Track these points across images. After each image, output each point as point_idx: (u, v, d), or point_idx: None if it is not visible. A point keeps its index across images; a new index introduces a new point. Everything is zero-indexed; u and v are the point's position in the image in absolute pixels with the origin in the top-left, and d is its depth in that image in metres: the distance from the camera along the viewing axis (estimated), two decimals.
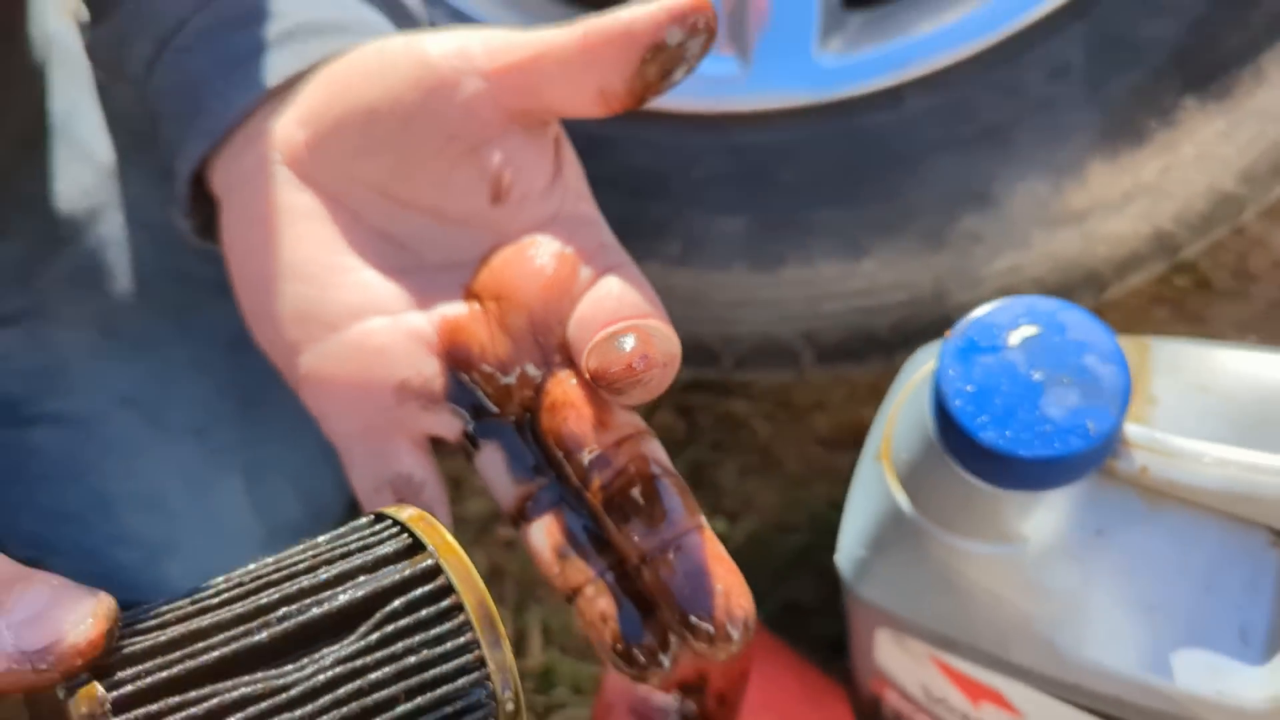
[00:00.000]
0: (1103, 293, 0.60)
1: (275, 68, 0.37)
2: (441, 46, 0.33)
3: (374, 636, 0.24)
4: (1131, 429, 0.38)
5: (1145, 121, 0.56)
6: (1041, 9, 0.57)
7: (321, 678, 0.24)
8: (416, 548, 0.26)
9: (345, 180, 0.35)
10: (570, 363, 0.33)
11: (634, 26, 0.30)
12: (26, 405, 0.60)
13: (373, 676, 0.24)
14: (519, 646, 0.75)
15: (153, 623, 0.24)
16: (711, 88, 0.62)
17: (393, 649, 0.24)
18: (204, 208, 0.41)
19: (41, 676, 0.23)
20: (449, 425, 0.34)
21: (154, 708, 0.23)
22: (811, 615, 0.74)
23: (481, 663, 0.25)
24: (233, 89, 0.37)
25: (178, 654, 0.23)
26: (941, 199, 0.58)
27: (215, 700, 0.23)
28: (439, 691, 0.24)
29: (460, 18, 0.65)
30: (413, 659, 0.24)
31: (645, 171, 0.62)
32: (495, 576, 0.78)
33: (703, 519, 0.32)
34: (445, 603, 0.25)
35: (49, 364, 0.62)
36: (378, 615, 0.24)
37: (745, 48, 0.62)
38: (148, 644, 0.23)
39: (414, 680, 0.24)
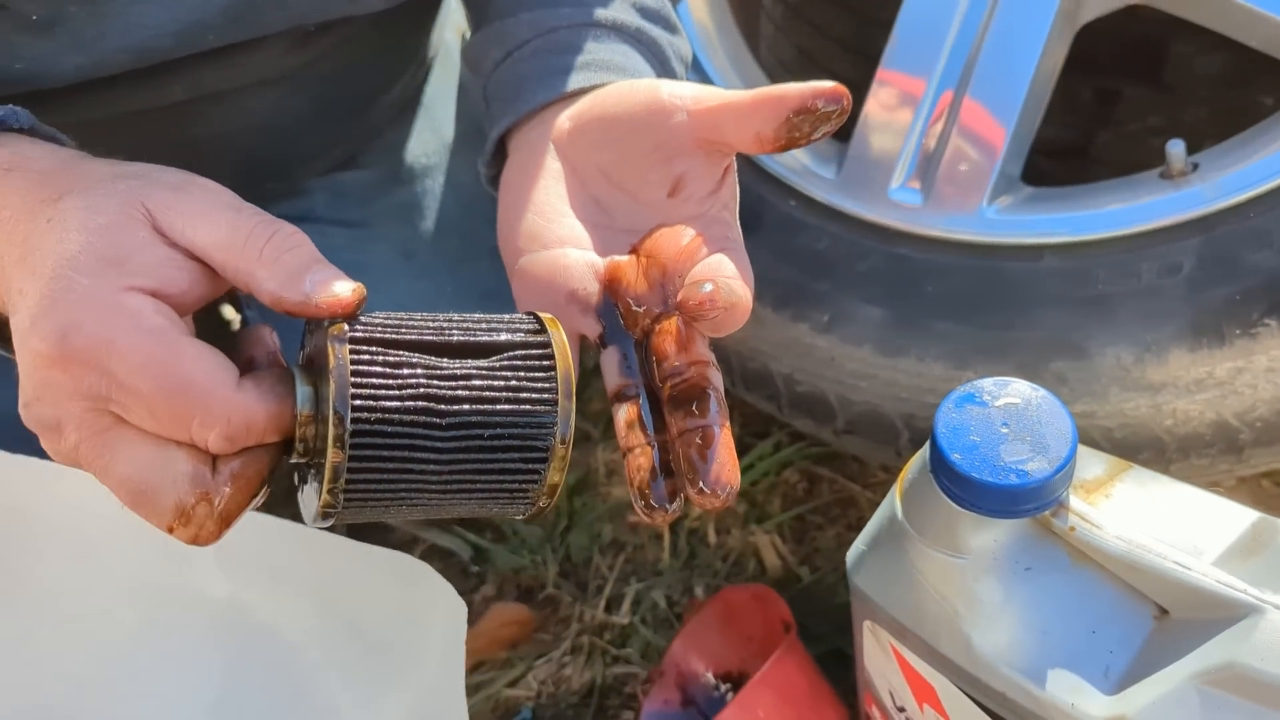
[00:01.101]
0: (1166, 461, 0.70)
1: (570, 82, 0.56)
2: (669, 88, 0.51)
3: (500, 361, 0.41)
4: (1073, 500, 0.50)
5: (1229, 328, 0.66)
6: (1170, 218, 0.69)
7: (468, 369, 0.40)
8: (542, 331, 0.43)
9: (583, 159, 0.53)
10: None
11: (787, 93, 0.47)
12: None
13: (494, 382, 0.41)
14: (611, 609, 0.90)
15: (379, 316, 0.41)
16: (893, 208, 0.78)
17: (507, 372, 0.41)
18: (498, 164, 0.61)
19: (316, 313, 0.40)
20: (592, 327, 0.51)
21: (373, 346, 0.39)
22: (849, 663, 0.85)
23: (555, 404, 0.41)
24: (541, 89, 0.57)
25: (394, 326, 0.40)
26: (1043, 341, 0.70)
27: (412, 355, 0.40)
28: (525, 407, 0.41)
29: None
30: (516, 381, 0.41)
31: (821, 254, 0.78)
32: (615, 547, 0.94)
33: (728, 423, 0.47)
34: (546, 363, 0.42)
35: (360, 263, 0.84)
36: (506, 353, 0.42)
37: (929, 186, 0.77)
38: (376, 320, 0.40)
39: (513, 394, 0.41)
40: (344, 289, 0.40)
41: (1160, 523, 0.50)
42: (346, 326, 0.39)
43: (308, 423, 0.39)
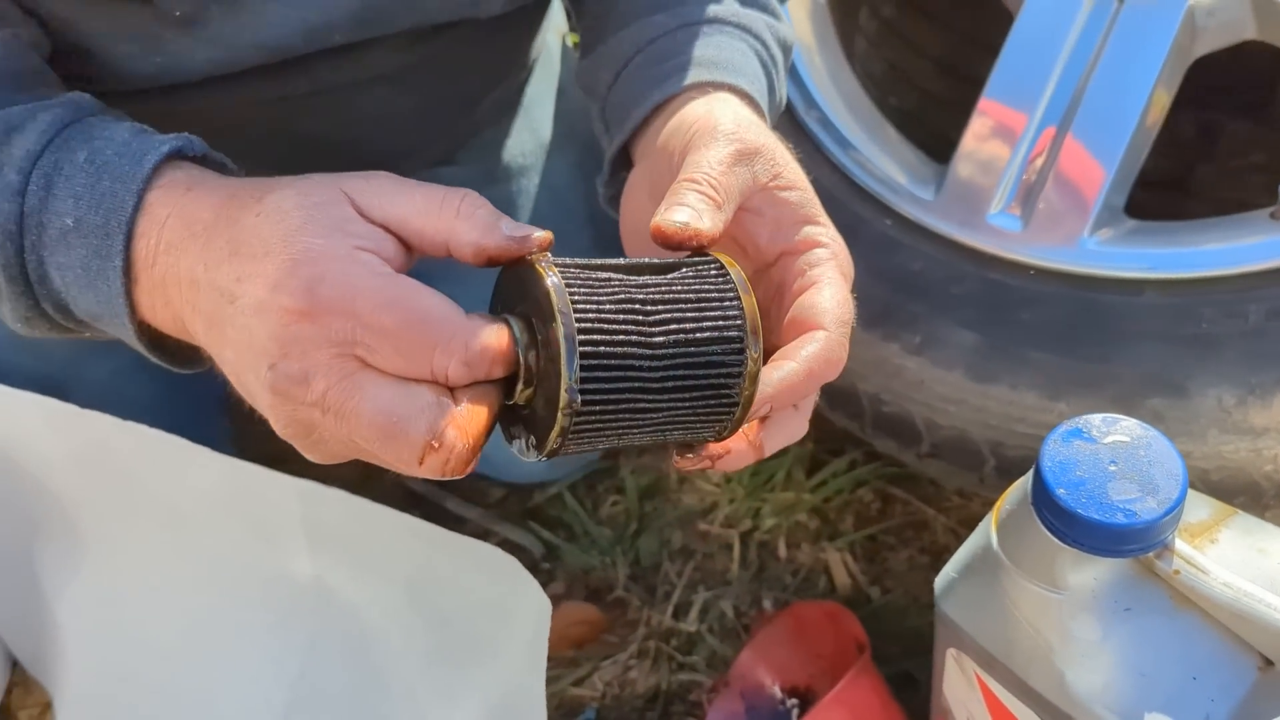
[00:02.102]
0: (1262, 507, 0.69)
1: (668, 88, 0.56)
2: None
3: (680, 273, 0.43)
4: (1179, 543, 0.50)
5: None
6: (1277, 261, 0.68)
7: (657, 280, 0.42)
8: (704, 251, 0.45)
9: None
10: None
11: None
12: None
13: (678, 287, 0.42)
14: (678, 615, 0.91)
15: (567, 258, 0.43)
16: (992, 234, 0.77)
17: (690, 279, 0.42)
18: (615, 184, 0.61)
19: (518, 250, 0.42)
20: None
21: (572, 269, 0.41)
22: (917, 688, 0.84)
23: (737, 297, 0.42)
24: (645, 102, 0.57)
25: (580, 261, 0.42)
26: (1141, 377, 0.70)
27: (607, 272, 0.41)
28: (712, 303, 0.42)
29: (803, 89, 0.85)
30: (699, 285, 0.42)
31: (916, 275, 0.78)
32: (684, 554, 0.95)
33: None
34: (716, 270, 0.43)
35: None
36: (681, 269, 0.43)
37: (1030, 213, 0.77)
38: (564, 259, 0.42)
39: (699, 294, 0.42)
40: (537, 230, 0.43)
41: (1267, 572, 0.49)
42: (549, 256, 0.42)
43: (529, 348, 0.41)
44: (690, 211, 0.44)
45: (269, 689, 0.75)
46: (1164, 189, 0.98)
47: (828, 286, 0.47)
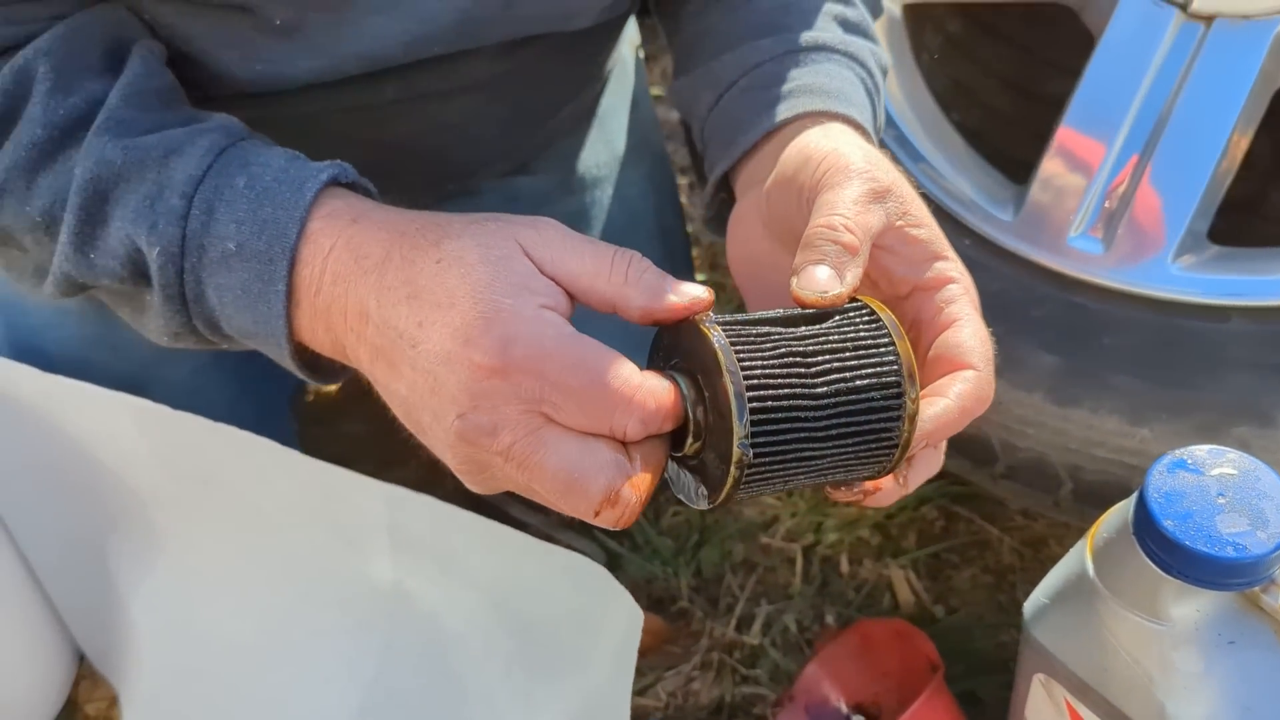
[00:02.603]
0: None
1: (778, 115, 0.57)
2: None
3: (834, 323, 0.44)
4: None
5: None
6: None
7: (813, 330, 0.43)
8: (855, 300, 0.45)
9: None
10: None
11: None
12: None
13: (834, 336, 0.43)
14: (741, 628, 0.91)
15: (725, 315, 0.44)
16: (1072, 257, 0.77)
17: (845, 327, 0.43)
18: (715, 206, 0.61)
19: (685, 312, 0.44)
20: None
21: (735, 325, 0.42)
22: (983, 707, 0.84)
23: (892, 343, 0.43)
24: (752, 129, 0.57)
25: (739, 317, 0.43)
26: (1227, 404, 0.69)
27: (766, 327, 0.42)
28: (867, 348, 0.43)
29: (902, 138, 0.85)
30: (854, 333, 0.43)
31: (995, 297, 0.78)
32: (746, 566, 0.95)
33: None
34: (869, 316, 0.44)
35: None
36: (834, 317, 0.44)
37: (1111, 237, 0.76)
38: (723, 316, 0.43)
39: (855, 343, 0.43)
40: (699, 290, 0.45)
41: None
42: (710, 315, 0.43)
43: (696, 404, 0.43)
44: (829, 275, 0.45)
45: (343, 690, 0.76)
46: (1236, 212, 0.97)
47: (968, 324, 0.48)
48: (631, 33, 0.96)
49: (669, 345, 0.45)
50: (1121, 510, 0.54)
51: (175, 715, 0.84)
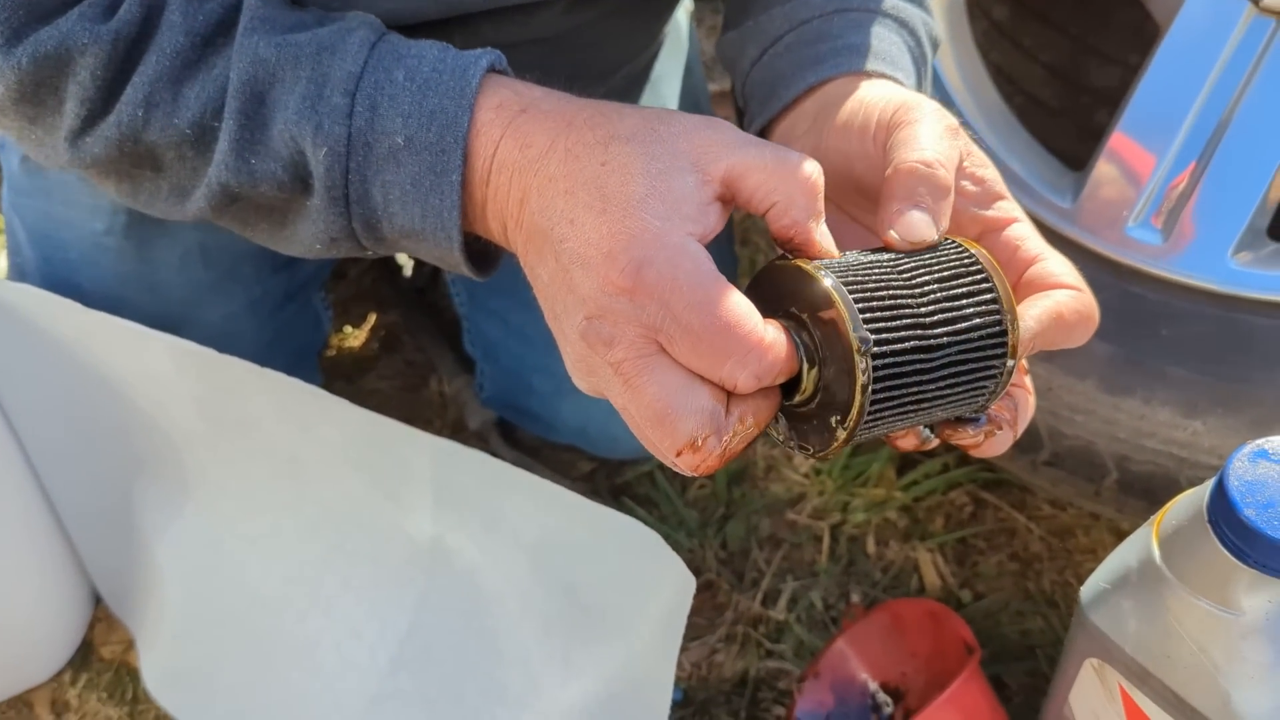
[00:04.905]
0: None
1: (820, 73, 0.55)
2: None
3: (935, 257, 0.43)
4: None
5: None
6: None
7: (913, 263, 0.42)
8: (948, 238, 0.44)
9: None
10: None
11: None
12: None
13: (939, 271, 0.42)
14: (767, 603, 0.90)
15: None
16: (1131, 246, 0.77)
17: (946, 265, 0.43)
18: None
19: (816, 248, 0.43)
20: None
21: (845, 275, 0.41)
22: (1009, 693, 0.84)
23: (986, 273, 0.42)
24: (795, 83, 0.56)
25: (846, 261, 0.42)
26: None
27: (869, 267, 0.42)
28: (967, 286, 0.42)
29: (937, 84, 0.84)
30: (951, 270, 0.42)
31: None
32: (772, 542, 0.94)
33: None
34: (965, 254, 0.43)
35: None
36: (933, 252, 0.43)
37: (1171, 228, 0.76)
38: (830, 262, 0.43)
39: (955, 280, 0.42)
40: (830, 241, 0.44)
41: None
42: (819, 263, 0.42)
43: (810, 354, 0.42)
44: (927, 221, 0.44)
45: (375, 644, 0.75)
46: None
47: (1052, 257, 0.47)
48: (690, 4, 0.94)
49: (770, 293, 0.44)
50: (1193, 498, 0.53)
51: (198, 661, 0.83)
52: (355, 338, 1.12)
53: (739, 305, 0.41)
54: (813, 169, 0.44)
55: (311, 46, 0.49)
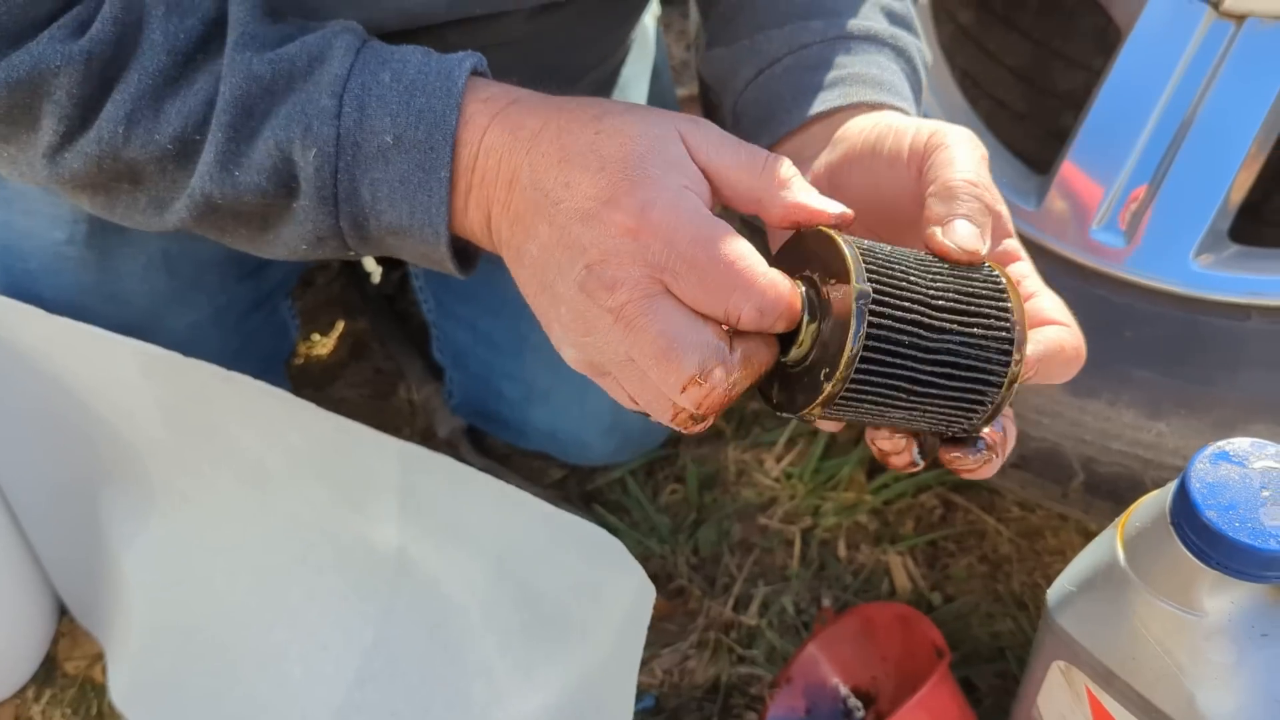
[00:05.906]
0: None
1: (825, 101, 0.56)
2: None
3: (970, 273, 0.43)
4: None
5: None
6: None
7: (939, 272, 0.43)
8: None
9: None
10: None
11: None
12: None
13: (961, 286, 0.43)
14: (738, 608, 0.90)
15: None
16: (1094, 249, 0.77)
17: (962, 273, 0.43)
18: None
19: (823, 219, 0.44)
20: None
21: (865, 247, 0.42)
22: (979, 695, 0.84)
23: (1005, 290, 0.43)
24: (796, 109, 0.56)
25: (873, 243, 0.43)
26: (1245, 402, 0.70)
27: (895, 257, 0.42)
28: (984, 292, 0.43)
29: None
30: (966, 275, 0.43)
31: None
32: (744, 547, 0.94)
33: None
34: (988, 269, 0.44)
35: None
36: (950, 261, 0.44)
37: (1134, 231, 0.76)
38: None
39: (969, 283, 0.43)
40: (842, 205, 0.46)
41: None
42: (846, 236, 0.43)
43: (814, 310, 0.43)
44: (975, 234, 0.44)
45: (340, 656, 0.74)
46: (1239, 214, 0.98)
47: (1048, 296, 0.48)
48: (654, 3, 0.94)
49: (794, 258, 0.45)
50: (1156, 500, 0.53)
51: (164, 673, 0.82)
52: (323, 346, 1.12)
53: (741, 243, 0.42)
54: (786, 168, 0.46)
55: (303, 58, 0.49)
